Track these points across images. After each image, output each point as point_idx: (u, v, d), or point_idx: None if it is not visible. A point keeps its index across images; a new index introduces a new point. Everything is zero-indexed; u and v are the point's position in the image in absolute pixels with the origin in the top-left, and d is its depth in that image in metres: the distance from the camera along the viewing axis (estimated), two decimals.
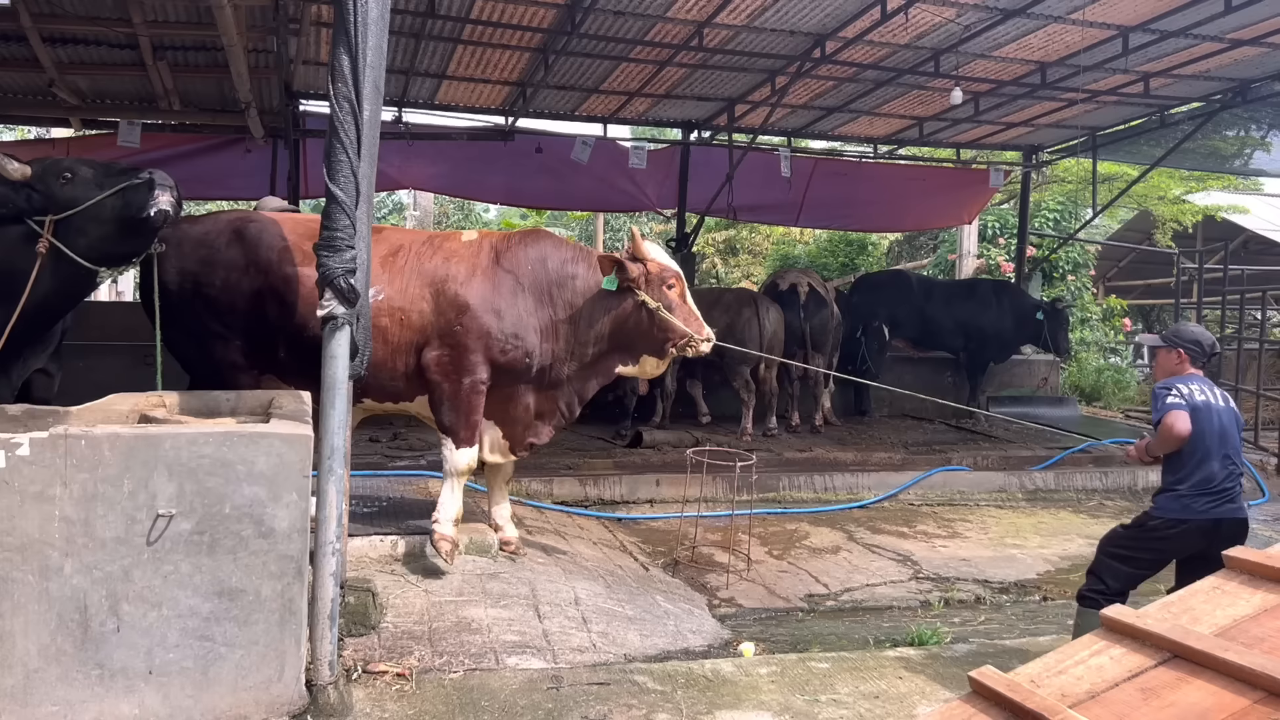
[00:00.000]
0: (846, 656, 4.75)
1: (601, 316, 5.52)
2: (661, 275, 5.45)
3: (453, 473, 5.54)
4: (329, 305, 3.88)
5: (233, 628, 3.69)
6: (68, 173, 4.72)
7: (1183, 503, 4.55)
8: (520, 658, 4.53)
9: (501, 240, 5.73)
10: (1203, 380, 4.73)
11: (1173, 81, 10.61)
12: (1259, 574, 2.81)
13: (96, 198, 4.63)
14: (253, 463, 3.68)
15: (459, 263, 5.52)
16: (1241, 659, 2.39)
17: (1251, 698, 2.32)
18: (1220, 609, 2.72)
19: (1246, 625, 2.62)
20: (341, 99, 3.88)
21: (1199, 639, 2.54)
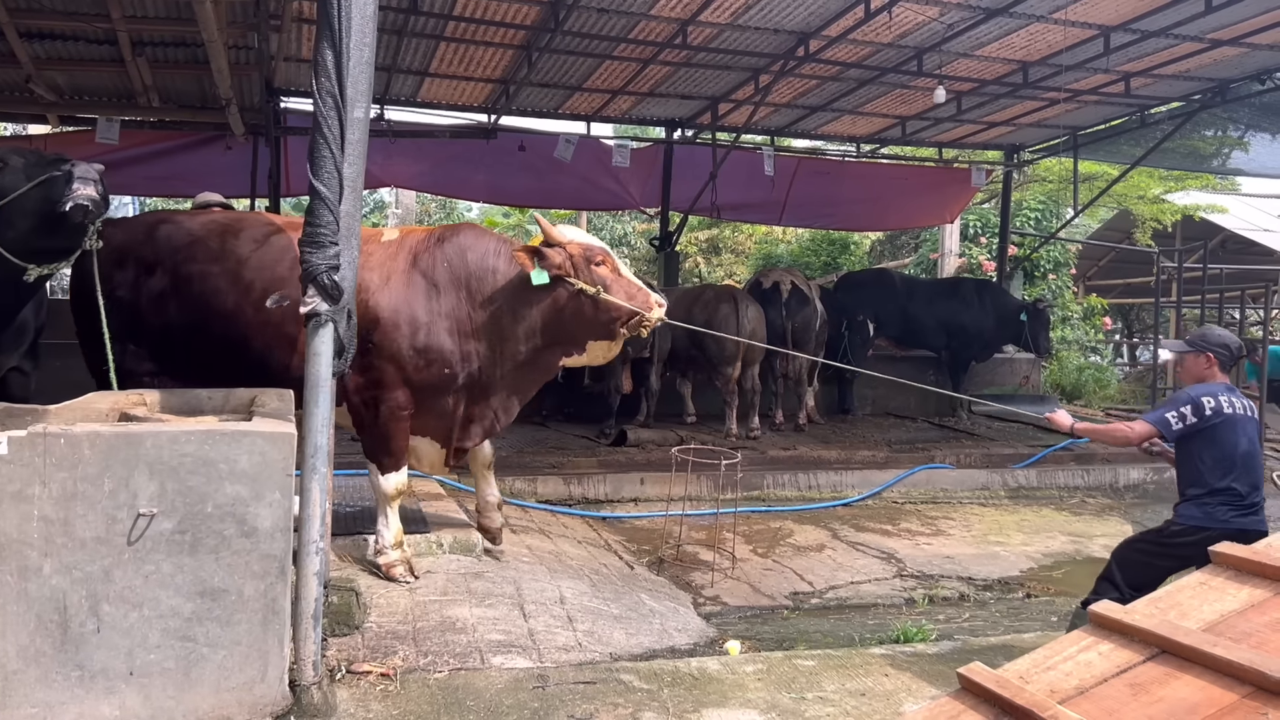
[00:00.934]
0: (832, 654, 4.74)
1: (529, 310, 5.06)
2: (587, 255, 5.02)
3: (384, 499, 5.23)
4: (312, 302, 3.84)
5: (215, 628, 3.64)
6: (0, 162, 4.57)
7: (1205, 510, 4.47)
8: (506, 657, 4.50)
9: (421, 240, 5.30)
10: (1231, 389, 4.60)
11: (1153, 81, 10.68)
12: (1245, 569, 2.82)
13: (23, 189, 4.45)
14: (235, 461, 3.63)
15: (372, 269, 5.04)
16: (1230, 654, 2.40)
17: (1240, 692, 2.33)
18: (1208, 604, 2.73)
19: (1234, 620, 2.63)
20: (325, 94, 3.84)
21: (1187, 634, 2.55)
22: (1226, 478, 4.43)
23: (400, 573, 5.15)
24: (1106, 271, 22.38)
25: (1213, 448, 4.47)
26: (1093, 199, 14.65)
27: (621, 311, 4.99)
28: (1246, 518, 4.45)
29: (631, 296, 5.01)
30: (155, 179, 11.26)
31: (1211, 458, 4.47)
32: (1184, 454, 4.58)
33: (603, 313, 5.02)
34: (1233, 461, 4.45)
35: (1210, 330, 4.90)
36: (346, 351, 4.48)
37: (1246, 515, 4.45)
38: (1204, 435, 4.48)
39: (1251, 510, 4.48)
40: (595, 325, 5.10)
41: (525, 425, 10.44)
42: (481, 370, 5.19)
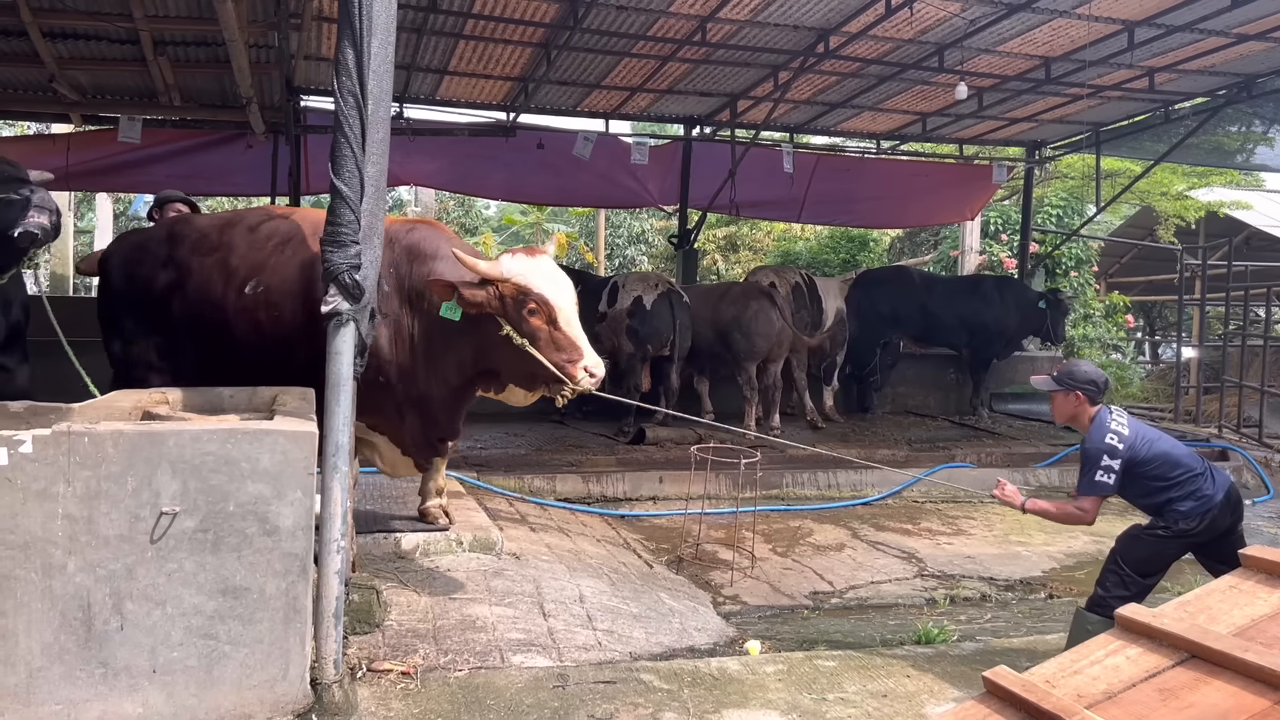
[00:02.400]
0: (854, 655, 4.72)
1: (456, 337, 4.71)
2: (519, 298, 4.49)
3: None
4: (333, 301, 3.84)
5: (237, 626, 3.65)
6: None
7: (1196, 498, 4.54)
8: (526, 656, 4.50)
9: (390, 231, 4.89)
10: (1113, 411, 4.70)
11: (1177, 77, 10.58)
12: (1276, 573, 2.78)
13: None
14: (257, 460, 3.64)
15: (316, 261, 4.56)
16: (1262, 659, 2.37)
17: (1273, 698, 2.30)
18: (1238, 608, 2.69)
19: (1265, 625, 2.59)
20: (346, 93, 3.84)
21: (1218, 639, 2.52)
22: (1182, 470, 4.55)
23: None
24: (1129, 269, 22.19)
25: (1157, 463, 4.56)
26: (1115, 196, 14.52)
27: (541, 369, 4.51)
28: (1215, 481, 4.58)
29: (560, 353, 4.50)
30: (177, 177, 11.25)
31: (1160, 470, 4.56)
32: (1138, 485, 4.63)
33: (524, 363, 4.57)
34: (1174, 456, 4.58)
35: (1077, 367, 4.86)
36: (366, 352, 4.50)
37: (1214, 480, 4.58)
38: (1138, 464, 4.56)
39: (1213, 473, 4.62)
40: (515, 372, 4.74)
41: (544, 423, 10.46)
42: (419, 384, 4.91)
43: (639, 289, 10.01)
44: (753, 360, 10.31)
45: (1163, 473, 4.55)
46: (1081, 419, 4.77)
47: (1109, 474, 4.56)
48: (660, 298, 9.89)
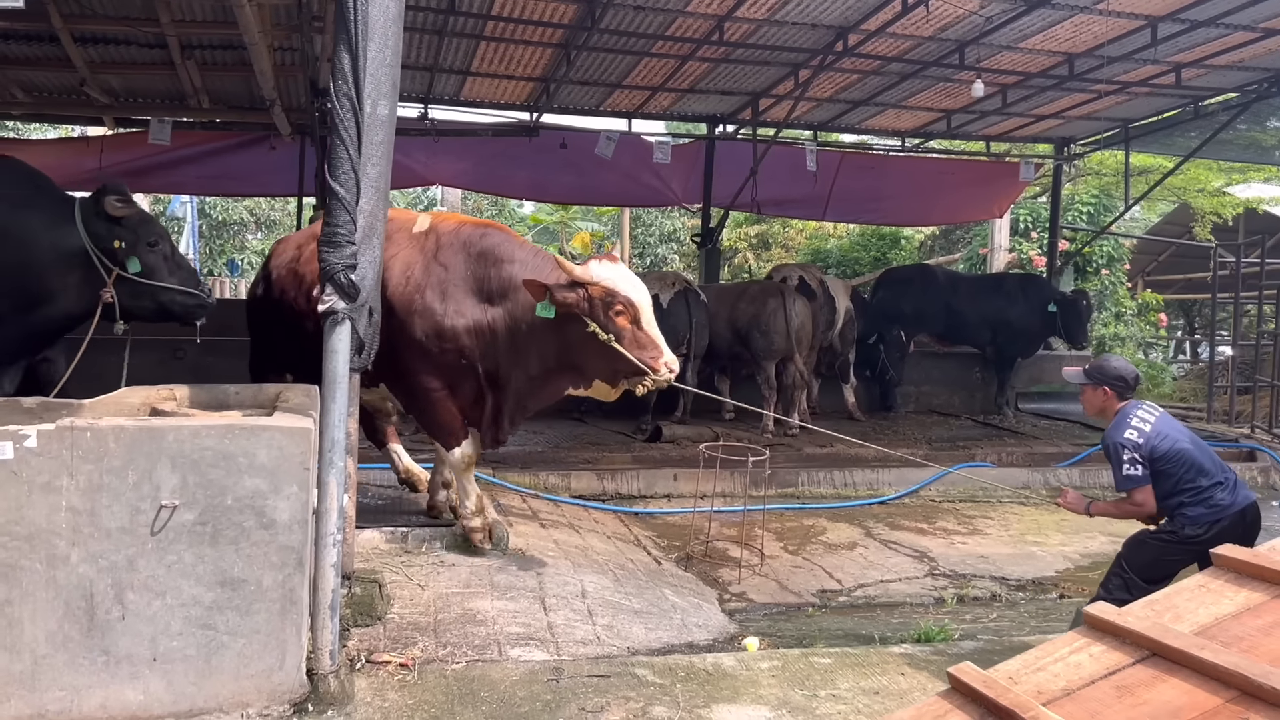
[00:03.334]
0: (850, 652, 4.73)
1: (545, 334, 5.08)
2: (607, 300, 4.93)
3: (456, 470, 5.59)
4: (329, 300, 3.93)
5: (235, 617, 3.75)
6: None
7: (1209, 505, 4.56)
8: (523, 649, 4.57)
9: (449, 233, 5.40)
10: (1140, 407, 4.78)
11: (1205, 72, 10.44)
12: (1245, 572, 2.78)
13: (179, 289, 5.34)
14: (254, 455, 3.74)
15: (399, 259, 5.27)
16: (1216, 657, 2.37)
17: (1224, 696, 2.30)
18: (1204, 607, 2.69)
19: (1227, 624, 2.59)
20: (341, 96, 3.93)
21: (1176, 637, 2.52)
22: (1201, 474, 4.58)
23: (480, 539, 5.53)
24: (1166, 267, 21.87)
25: (1174, 462, 4.60)
26: (1144, 193, 14.35)
27: (625, 363, 4.94)
28: (1236, 494, 4.60)
29: (643, 350, 4.93)
30: (207, 178, 11.55)
31: (1181, 469, 4.59)
32: (1155, 482, 4.65)
33: (609, 359, 4.98)
34: (1192, 460, 4.60)
35: (1107, 362, 4.99)
36: (367, 349, 4.59)
37: (1235, 492, 4.60)
38: (1155, 460, 4.61)
39: (1236, 486, 4.63)
40: (600, 368, 5.13)
41: (563, 421, 10.53)
42: (497, 373, 5.32)
43: (656, 288, 10.03)
44: (770, 359, 10.33)
45: (1178, 473, 4.58)
46: (1108, 413, 4.86)
47: (1135, 465, 4.62)
48: (677, 296, 9.93)
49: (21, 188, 5.19)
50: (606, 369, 5.09)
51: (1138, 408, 4.77)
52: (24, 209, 5.06)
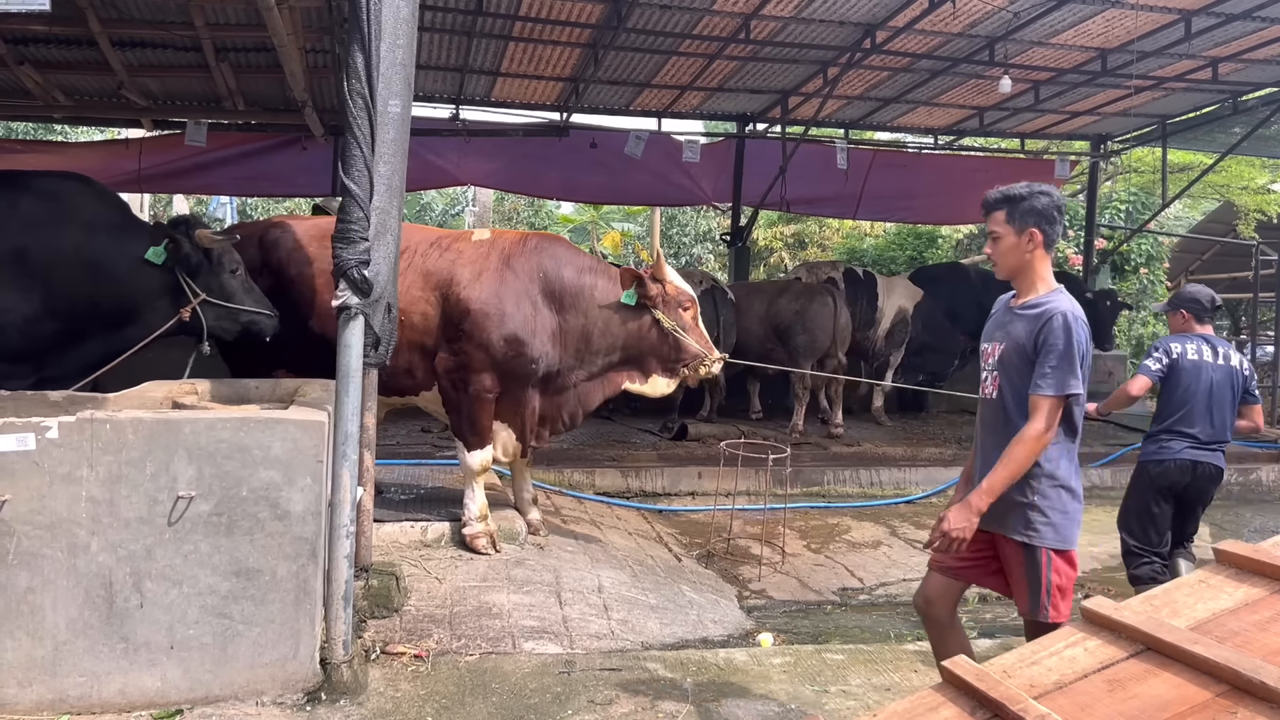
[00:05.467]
0: (864, 649, 4.72)
1: (616, 329, 5.60)
2: (678, 298, 5.59)
3: (469, 474, 5.68)
4: (343, 295, 3.99)
5: (250, 606, 3.83)
6: None
7: (1159, 444, 5.14)
8: (537, 643, 4.61)
9: (514, 243, 5.75)
10: (1205, 339, 5.21)
11: (1243, 67, 10.25)
12: (1247, 568, 2.74)
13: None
14: (268, 447, 3.81)
15: (465, 265, 5.59)
16: (1209, 652, 2.35)
17: (1214, 691, 2.28)
18: (1202, 602, 2.66)
19: (1224, 619, 2.56)
20: (355, 94, 3.98)
21: (1171, 631, 2.50)
22: (1179, 414, 5.08)
23: (483, 544, 5.57)
24: (1210, 266, 21.44)
25: (1176, 388, 5.12)
26: (1181, 190, 14.08)
27: (689, 352, 5.56)
28: (1199, 451, 5.06)
29: (701, 342, 5.62)
30: (243, 179, 11.72)
31: (1174, 396, 5.12)
32: (1160, 394, 5.25)
33: (672, 349, 5.58)
34: (1190, 401, 5.07)
35: (1184, 289, 5.49)
36: (384, 344, 4.65)
37: (1200, 450, 5.06)
38: (1172, 377, 5.13)
39: (1206, 446, 5.08)
40: (664, 358, 5.64)
41: (591, 419, 10.51)
42: (560, 373, 5.68)
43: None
44: (807, 358, 10.29)
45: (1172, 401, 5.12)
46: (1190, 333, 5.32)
47: (1158, 363, 5.15)
48: (704, 295, 9.92)
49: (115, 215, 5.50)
50: (669, 361, 5.62)
51: (1203, 342, 5.18)
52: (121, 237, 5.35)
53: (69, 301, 5.23)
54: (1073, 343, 3.14)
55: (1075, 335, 3.15)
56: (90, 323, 5.35)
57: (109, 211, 5.50)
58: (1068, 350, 3.14)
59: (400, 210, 4.75)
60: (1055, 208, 3.29)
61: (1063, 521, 3.28)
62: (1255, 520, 8.53)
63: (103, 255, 5.25)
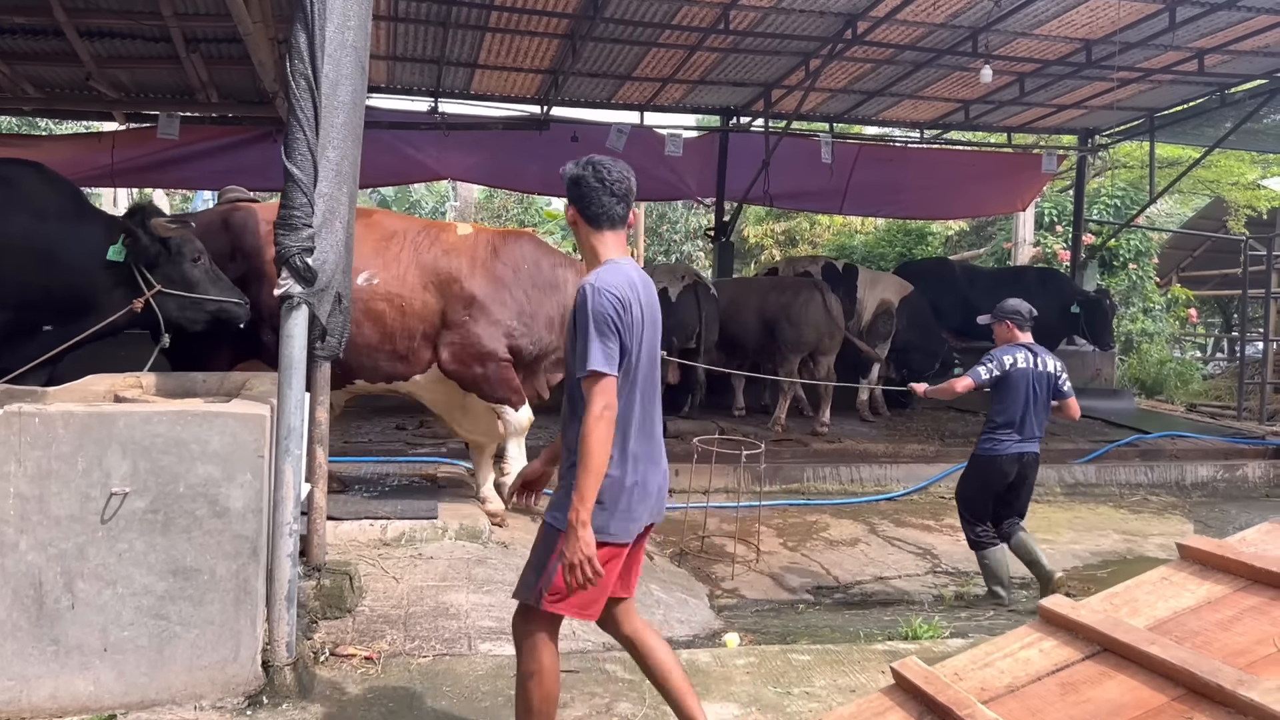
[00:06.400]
0: (831, 649, 4.59)
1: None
2: None
3: (515, 432, 6.08)
4: (285, 284, 3.84)
5: (188, 607, 3.68)
6: None
7: (994, 440, 5.89)
8: (494, 644, 4.47)
9: (496, 237, 6.09)
10: (1028, 348, 5.92)
11: (1230, 58, 10.14)
12: (1211, 564, 2.62)
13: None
14: (206, 442, 3.67)
15: (460, 257, 5.87)
16: (1166, 653, 2.22)
17: (1170, 694, 2.16)
18: (1163, 600, 2.54)
19: (1185, 618, 2.43)
20: (298, 76, 3.84)
21: (1128, 632, 2.37)
22: (1010, 415, 5.83)
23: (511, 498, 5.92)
24: (1201, 262, 21.36)
25: (1008, 394, 5.84)
26: (1168, 184, 13.96)
27: None
28: (1024, 444, 5.88)
29: None
30: (218, 173, 11.50)
31: (1006, 400, 5.84)
32: (992, 397, 5.96)
33: None
34: (1017, 403, 5.82)
35: (1006, 303, 6.16)
36: (335, 336, 4.52)
37: (1025, 443, 5.88)
38: (1004, 384, 5.84)
39: (1029, 440, 5.90)
40: None
41: None
42: (539, 357, 6.10)
43: (664, 281, 9.91)
44: (795, 352, 10.15)
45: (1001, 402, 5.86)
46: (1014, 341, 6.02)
47: (989, 373, 5.83)
48: (686, 290, 9.79)
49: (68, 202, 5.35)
50: None
51: (1030, 351, 5.90)
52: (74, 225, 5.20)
53: (19, 291, 5.07)
54: (589, 315, 2.83)
55: (590, 306, 2.84)
56: (42, 314, 5.19)
57: (61, 200, 5.35)
58: (584, 325, 2.85)
59: (353, 198, 4.62)
60: (574, 180, 3.03)
61: (597, 510, 2.88)
62: (1241, 518, 8.41)
63: (55, 244, 5.10)
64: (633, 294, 2.94)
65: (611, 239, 3.09)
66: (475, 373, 5.85)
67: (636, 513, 3.02)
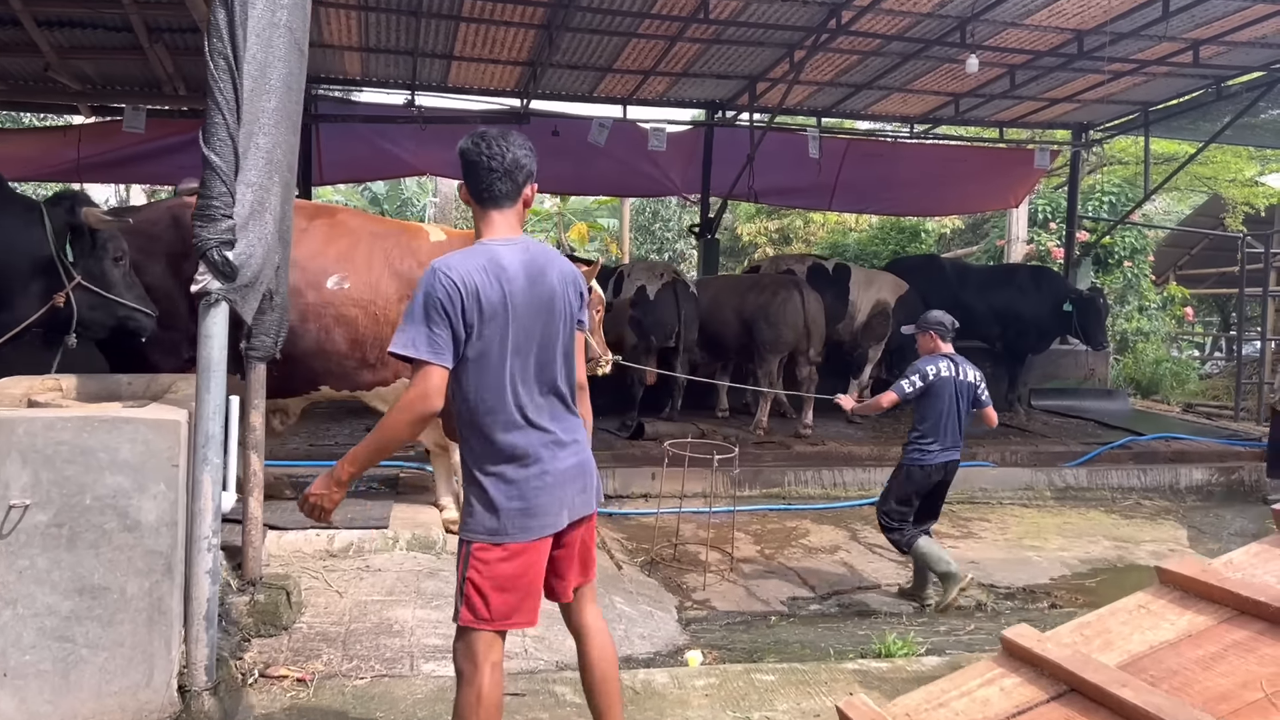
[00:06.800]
0: (798, 668, 4.31)
1: None
2: (596, 301, 6.03)
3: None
4: (203, 280, 3.56)
5: (95, 628, 3.41)
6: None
7: (922, 450, 5.91)
8: (438, 664, 4.19)
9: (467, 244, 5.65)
10: (950, 359, 5.96)
11: (1226, 50, 9.85)
12: (1193, 591, 2.34)
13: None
14: (116, 450, 3.40)
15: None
16: (1139, 698, 1.95)
17: None
18: (1139, 633, 2.26)
19: (1163, 654, 2.16)
20: (216, 55, 3.56)
21: (1098, 670, 2.10)
22: (935, 424, 5.86)
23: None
24: (1199, 261, 21.08)
25: (932, 405, 5.87)
26: (1163, 180, 13.66)
27: (594, 351, 5.87)
28: (949, 452, 5.93)
29: (600, 344, 6.15)
30: (191, 168, 11.12)
31: (931, 411, 5.88)
32: (916, 407, 5.98)
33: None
34: (942, 413, 5.86)
35: (929, 314, 6.19)
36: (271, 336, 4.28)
37: (950, 451, 5.93)
38: (928, 395, 5.87)
39: (954, 447, 5.96)
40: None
41: None
42: None
43: (643, 279, 9.66)
44: (774, 352, 9.89)
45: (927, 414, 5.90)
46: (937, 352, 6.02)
47: (913, 385, 5.87)
48: (665, 288, 9.52)
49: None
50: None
51: (952, 361, 5.93)
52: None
53: None
54: (418, 297, 2.69)
55: (422, 288, 2.69)
56: None
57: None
58: (410, 307, 2.70)
59: (289, 189, 4.36)
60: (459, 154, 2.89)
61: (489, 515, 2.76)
62: (1236, 523, 8.15)
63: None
64: (484, 277, 2.72)
65: (498, 218, 2.89)
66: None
67: (539, 507, 2.79)
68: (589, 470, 2.98)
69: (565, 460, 2.85)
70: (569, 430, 2.90)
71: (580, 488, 2.92)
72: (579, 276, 2.98)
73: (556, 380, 2.86)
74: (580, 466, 2.92)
